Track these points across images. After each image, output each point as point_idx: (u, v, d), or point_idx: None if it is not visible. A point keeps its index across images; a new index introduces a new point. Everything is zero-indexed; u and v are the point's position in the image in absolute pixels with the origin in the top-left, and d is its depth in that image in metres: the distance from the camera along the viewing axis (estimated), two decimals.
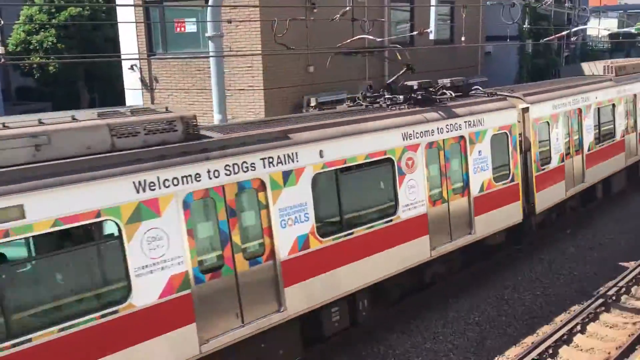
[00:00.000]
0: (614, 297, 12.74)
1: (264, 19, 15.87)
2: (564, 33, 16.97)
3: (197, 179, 8.04)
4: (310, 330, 9.83)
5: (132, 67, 18.91)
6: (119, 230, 7.37)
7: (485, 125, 12.71)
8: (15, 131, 6.90)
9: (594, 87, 17.60)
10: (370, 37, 13.20)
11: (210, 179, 8.19)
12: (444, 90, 12.85)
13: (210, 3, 12.92)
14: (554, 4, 14.22)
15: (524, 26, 15.22)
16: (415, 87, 12.15)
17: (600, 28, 28.99)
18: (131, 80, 19.28)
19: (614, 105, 18.51)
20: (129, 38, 18.88)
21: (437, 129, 11.59)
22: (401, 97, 11.96)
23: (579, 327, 11.47)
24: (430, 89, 12.58)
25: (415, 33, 12.56)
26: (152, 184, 7.59)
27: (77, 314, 7.10)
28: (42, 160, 6.93)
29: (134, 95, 19.18)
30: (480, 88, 14.41)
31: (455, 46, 22.57)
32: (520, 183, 13.72)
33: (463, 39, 14.19)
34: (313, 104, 15.21)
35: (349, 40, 13.27)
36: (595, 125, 17.30)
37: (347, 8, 12.31)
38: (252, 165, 8.64)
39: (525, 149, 14.14)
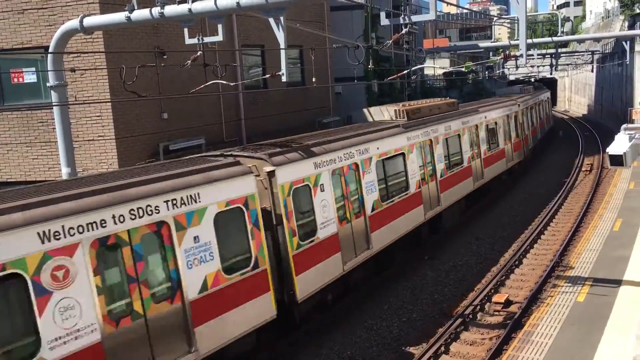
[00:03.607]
0: (470, 316, 13.58)
1: (111, 66, 15.35)
2: (404, 72, 17.99)
3: None
4: None
5: None
6: None
7: (203, 201, 9.67)
8: None
9: (375, 135, 15.31)
10: (224, 81, 13.21)
11: None
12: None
13: (50, 51, 12.24)
14: (393, 46, 15.16)
15: (369, 66, 15.73)
16: None
17: (435, 67, 31.60)
18: None
19: (403, 154, 16.37)
20: None
21: (113, 216, 8.34)
22: None
23: (443, 348, 12.05)
24: None
25: (267, 76, 12.75)
26: None
27: None
28: None
29: None
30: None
31: (307, 87, 23.34)
32: (268, 268, 10.77)
33: (314, 79, 14.67)
34: None
35: (202, 86, 13.20)
36: (379, 180, 14.94)
37: (198, 53, 12.25)
38: None
39: (275, 223, 11.41)
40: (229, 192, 10.18)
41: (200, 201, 9.63)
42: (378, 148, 15.08)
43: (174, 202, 9.21)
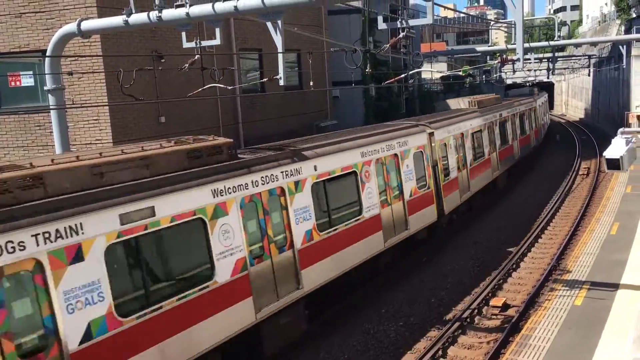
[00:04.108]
0: (468, 319, 13.57)
1: (109, 69, 15.35)
2: (402, 76, 18.15)
3: (246, 187, 10.78)
4: None
5: None
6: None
7: (409, 145, 16.54)
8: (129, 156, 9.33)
9: (468, 116, 22.51)
10: (221, 85, 13.22)
11: (254, 187, 10.96)
12: None
13: (48, 54, 12.23)
14: (390, 50, 15.44)
15: (366, 70, 16.13)
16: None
17: (433, 71, 31.76)
18: None
19: (480, 131, 23.43)
20: None
21: (380, 148, 15.04)
22: None
23: (440, 352, 12.03)
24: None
25: (265, 80, 12.78)
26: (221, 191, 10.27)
27: None
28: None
29: None
30: None
31: (304, 91, 23.37)
32: (433, 190, 17.56)
33: (311, 83, 14.71)
34: None
35: (200, 90, 13.20)
36: (472, 146, 22.01)
37: (196, 57, 12.25)
38: (276, 177, 11.49)
39: (433, 164, 18.02)
40: (417, 141, 17.10)
41: (407, 145, 16.44)
42: (471, 125, 22.22)
43: (400, 143, 16.06)
